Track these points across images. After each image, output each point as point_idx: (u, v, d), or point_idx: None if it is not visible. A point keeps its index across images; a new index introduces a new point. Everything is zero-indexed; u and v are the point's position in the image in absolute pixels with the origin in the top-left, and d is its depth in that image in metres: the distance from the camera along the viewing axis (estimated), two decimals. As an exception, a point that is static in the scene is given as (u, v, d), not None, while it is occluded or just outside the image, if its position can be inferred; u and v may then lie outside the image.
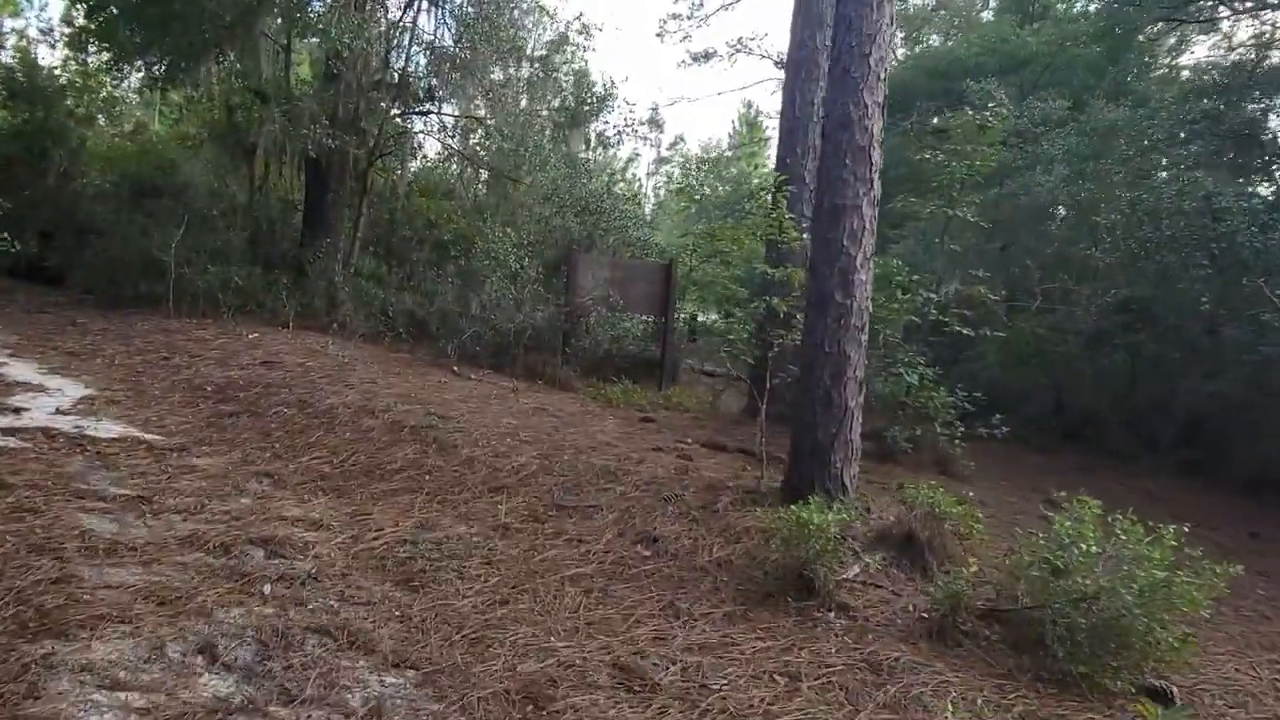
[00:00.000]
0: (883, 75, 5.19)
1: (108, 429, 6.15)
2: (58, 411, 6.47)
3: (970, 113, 10.31)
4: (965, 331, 7.64)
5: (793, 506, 4.44)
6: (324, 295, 11.74)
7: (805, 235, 7.39)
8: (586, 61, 16.14)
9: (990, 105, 11.25)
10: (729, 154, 32.40)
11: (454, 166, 14.57)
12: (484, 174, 13.76)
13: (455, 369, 9.30)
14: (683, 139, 41.82)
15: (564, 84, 14.18)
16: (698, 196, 16.11)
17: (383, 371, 8.84)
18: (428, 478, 5.64)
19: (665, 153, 32.44)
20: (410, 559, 4.24)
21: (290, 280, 11.53)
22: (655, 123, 16.86)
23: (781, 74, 28.69)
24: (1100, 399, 10.73)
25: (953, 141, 9.65)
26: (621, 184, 15.90)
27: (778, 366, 6.67)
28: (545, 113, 14.05)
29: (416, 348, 10.66)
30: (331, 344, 9.76)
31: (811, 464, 5.26)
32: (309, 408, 7.00)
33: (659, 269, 11.24)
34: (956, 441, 7.70)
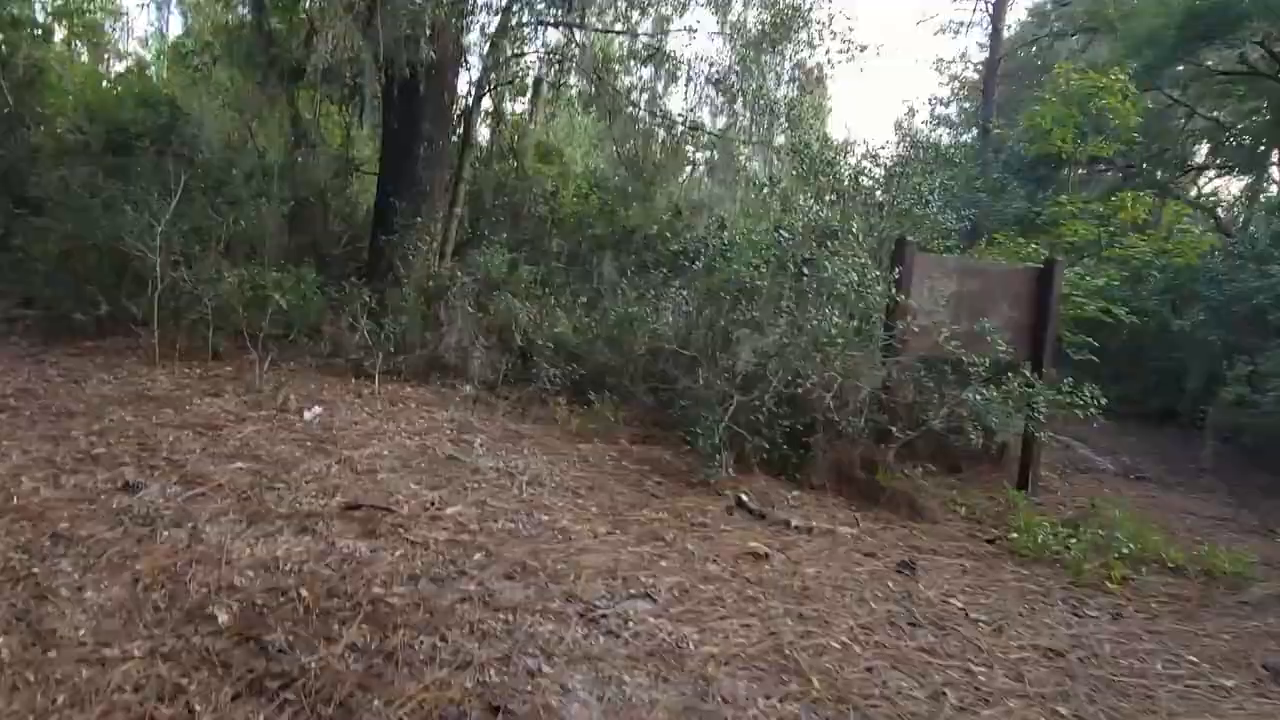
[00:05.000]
0: None
1: None
2: None
3: None
4: None
5: None
6: (417, 313, 6.93)
7: None
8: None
9: None
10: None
11: (616, 112, 9.18)
12: (660, 130, 8.74)
13: (744, 498, 4.40)
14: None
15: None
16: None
17: (605, 514, 3.99)
18: None
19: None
20: None
21: (361, 290, 6.72)
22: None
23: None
24: None
25: None
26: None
27: None
28: (737, 31, 8.99)
29: (610, 424, 5.74)
30: (480, 439, 4.91)
31: None
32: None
33: (1027, 279, 6.26)
34: None
